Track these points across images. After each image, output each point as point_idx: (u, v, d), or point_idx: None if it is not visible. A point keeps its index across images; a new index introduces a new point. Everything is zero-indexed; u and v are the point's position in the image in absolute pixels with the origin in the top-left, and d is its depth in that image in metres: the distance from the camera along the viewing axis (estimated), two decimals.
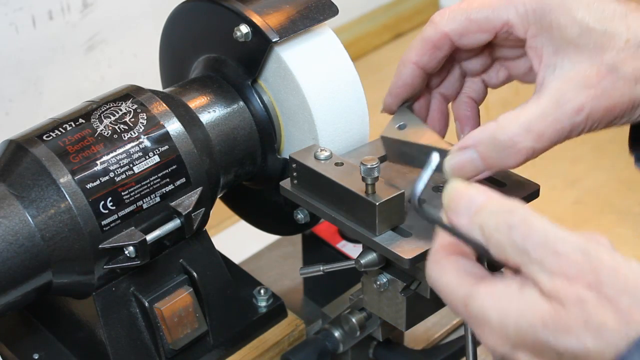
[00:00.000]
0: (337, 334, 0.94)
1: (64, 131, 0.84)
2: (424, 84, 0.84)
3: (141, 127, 0.86)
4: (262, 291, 0.97)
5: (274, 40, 0.88)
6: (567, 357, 0.59)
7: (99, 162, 0.83)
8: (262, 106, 0.92)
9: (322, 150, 0.84)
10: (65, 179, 0.81)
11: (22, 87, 1.24)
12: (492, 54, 0.84)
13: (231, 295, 0.93)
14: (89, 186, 0.82)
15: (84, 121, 0.85)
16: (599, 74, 0.73)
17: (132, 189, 0.84)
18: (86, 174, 0.82)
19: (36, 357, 0.92)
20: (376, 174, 0.78)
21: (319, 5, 0.91)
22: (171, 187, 0.86)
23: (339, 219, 0.81)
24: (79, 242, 0.81)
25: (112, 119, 0.85)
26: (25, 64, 1.22)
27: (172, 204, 0.86)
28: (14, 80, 1.22)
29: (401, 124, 0.85)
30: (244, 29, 0.89)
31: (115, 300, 0.86)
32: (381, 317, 0.87)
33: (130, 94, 0.88)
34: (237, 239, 1.20)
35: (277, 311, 0.97)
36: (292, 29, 0.89)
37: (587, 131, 0.76)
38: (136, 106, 0.87)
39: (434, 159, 0.66)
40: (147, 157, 0.85)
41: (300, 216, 0.93)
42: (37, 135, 0.83)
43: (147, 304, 0.87)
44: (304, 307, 1.11)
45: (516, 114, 0.74)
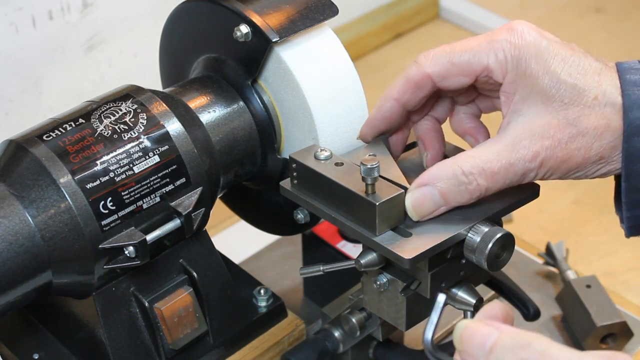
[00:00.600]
0: (337, 334, 0.94)
1: (64, 131, 0.84)
2: (403, 119, 0.85)
3: (141, 127, 0.86)
4: (262, 291, 0.97)
5: (274, 40, 0.88)
6: None
7: (99, 162, 0.83)
8: (262, 106, 0.92)
9: (322, 150, 0.84)
10: (65, 179, 0.81)
11: (22, 87, 1.24)
12: (477, 90, 0.85)
13: (231, 295, 0.93)
14: (89, 186, 0.82)
15: (84, 121, 0.85)
16: (559, 127, 0.76)
17: (132, 189, 0.84)
18: (86, 174, 0.82)
19: (36, 357, 0.92)
20: (376, 174, 0.78)
21: (319, 5, 0.91)
22: (171, 187, 0.86)
23: (339, 219, 0.81)
24: (79, 242, 0.81)
25: (112, 119, 0.85)
26: (25, 64, 1.23)
27: (172, 204, 0.86)
28: (14, 80, 1.22)
29: (370, 154, 0.85)
30: (244, 29, 0.89)
31: (115, 300, 0.86)
32: (381, 317, 0.87)
33: (130, 94, 0.88)
34: (237, 239, 1.20)
35: (277, 311, 0.97)
36: (292, 29, 0.89)
37: (541, 178, 0.79)
38: (136, 106, 0.87)
39: (440, 300, 0.69)
40: (147, 157, 0.85)
41: (300, 216, 0.93)
42: (37, 135, 0.83)
43: (147, 304, 0.87)
44: (304, 307, 1.11)
45: (473, 153, 0.78)
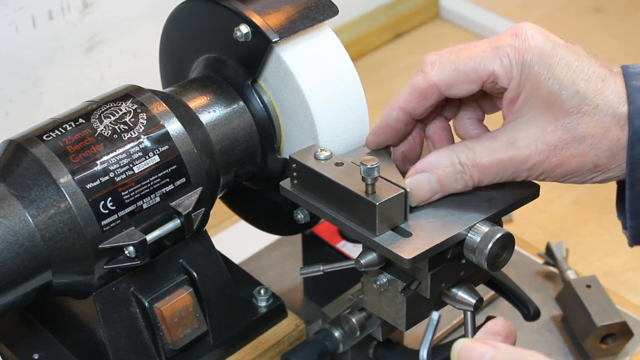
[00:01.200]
0: (337, 334, 0.94)
1: (64, 131, 0.84)
2: (409, 128, 0.86)
3: (141, 127, 0.86)
4: (262, 291, 0.97)
5: (274, 40, 0.88)
6: None
7: (99, 162, 0.83)
8: (262, 106, 0.92)
9: (322, 150, 0.84)
10: (65, 179, 0.81)
11: (22, 87, 1.23)
12: (482, 92, 0.85)
13: (231, 295, 0.93)
14: (89, 186, 0.82)
15: (84, 121, 0.85)
16: (555, 132, 0.77)
17: (132, 189, 0.84)
18: (86, 174, 0.82)
19: (36, 357, 0.92)
20: (376, 174, 0.78)
21: (319, 5, 0.91)
22: (171, 187, 0.86)
23: (339, 219, 0.81)
24: (79, 242, 0.81)
25: (112, 119, 0.85)
26: (25, 64, 1.22)
27: (172, 204, 0.86)
28: (14, 80, 1.22)
29: (369, 152, 0.86)
30: (244, 29, 0.89)
31: (115, 300, 0.86)
32: (381, 317, 0.87)
33: (130, 94, 0.88)
34: (237, 239, 1.20)
35: (277, 311, 0.97)
36: (292, 29, 0.89)
37: (535, 179, 0.80)
38: (136, 106, 0.87)
39: (434, 317, 0.71)
40: (147, 157, 0.85)
41: (300, 216, 0.93)
42: (37, 135, 0.83)
43: (147, 304, 0.87)
44: (304, 307, 1.11)
45: (470, 144, 0.80)
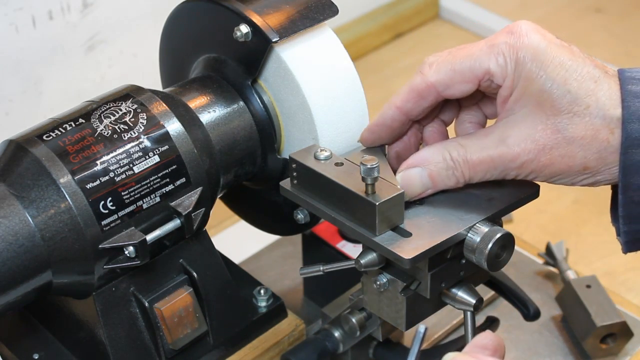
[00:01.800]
0: (337, 334, 0.94)
1: (64, 131, 0.84)
2: (404, 128, 0.86)
3: (141, 127, 0.86)
4: (262, 291, 0.97)
5: (274, 40, 0.88)
6: None
7: (99, 162, 0.83)
8: (262, 106, 0.92)
9: (322, 150, 0.84)
10: (65, 179, 0.81)
11: (22, 87, 1.24)
12: (481, 92, 0.85)
13: (231, 295, 0.93)
14: (89, 186, 0.82)
15: (84, 121, 0.85)
16: (545, 132, 0.77)
17: (132, 189, 0.84)
18: (86, 174, 0.82)
19: (36, 357, 0.92)
20: (376, 174, 0.78)
21: (319, 5, 0.91)
22: (171, 187, 0.86)
23: (339, 219, 0.81)
24: (79, 242, 0.81)
25: (112, 119, 0.85)
26: (25, 64, 1.22)
27: (172, 204, 0.86)
28: (14, 80, 1.22)
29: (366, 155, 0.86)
30: (244, 28, 0.89)
31: (115, 300, 0.86)
32: (381, 317, 0.87)
33: (130, 94, 0.88)
34: (237, 239, 1.20)
35: (277, 311, 0.97)
36: (292, 29, 0.89)
37: (524, 178, 0.80)
38: (136, 106, 0.87)
39: (421, 330, 0.72)
40: (147, 157, 0.85)
41: (300, 216, 0.93)
42: (37, 135, 0.83)
43: (147, 304, 0.87)
44: (304, 307, 1.11)
45: (462, 141, 0.80)
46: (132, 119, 0.86)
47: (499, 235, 0.79)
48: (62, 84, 1.27)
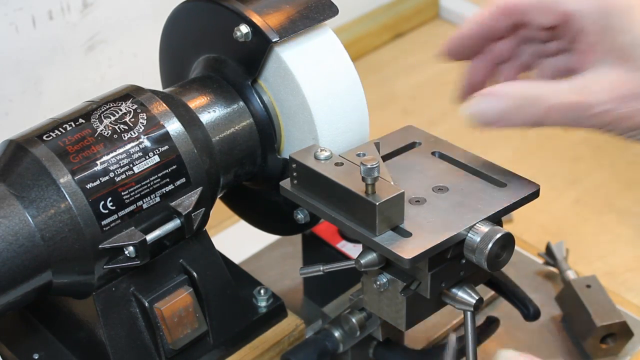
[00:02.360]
0: (337, 334, 0.94)
1: (64, 131, 0.84)
2: (480, 44, 0.86)
3: (141, 127, 0.86)
4: (262, 291, 0.97)
5: (274, 40, 0.88)
6: None
7: (99, 162, 0.83)
8: (262, 106, 0.92)
9: (322, 150, 0.84)
10: (65, 179, 0.81)
11: (22, 87, 1.24)
12: (564, 45, 0.85)
13: (231, 295, 0.93)
14: (89, 186, 0.82)
15: (84, 121, 0.85)
16: (627, 84, 0.76)
17: (132, 189, 0.84)
18: (86, 174, 0.82)
19: (36, 357, 0.92)
20: (376, 174, 0.78)
21: (319, 5, 0.91)
22: (171, 187, 0.86)
23: (339, 219, 0.81)
24: (79, 242, 0.81)
25: (112, 119, 0.85)
26: (25, 64, 1.23)
27: (172, 204, 0.86)
28: (14, 80, 1.22)
29: (360, 152, 0.86)
30: (244, 29, 0.89)
31: (115, 300, 0.86)
32: (381, 317, 0.87)
33: (130, 94, 0.88)
34: (237, 239, 1.20)
35: (277, 311, 0.97)
36: (292, 29, 0.89)
37: (599, 129, 0.78)
38: (136, 106, 0.87)
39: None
40: (147, 157, 0.85)
41: (300, 216, 0.93)
42: (37, 135, 0.83)
43: (147, 304, 0.87)
44: (304, 307, 1.11)
45: (542, 84, 0.79)
46: (132, 119, 0.86)
47: (499, 235, 0.79)
48: (62, 84, 1.27)
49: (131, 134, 0.85)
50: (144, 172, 0.84)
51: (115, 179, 0.83)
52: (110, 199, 0.82)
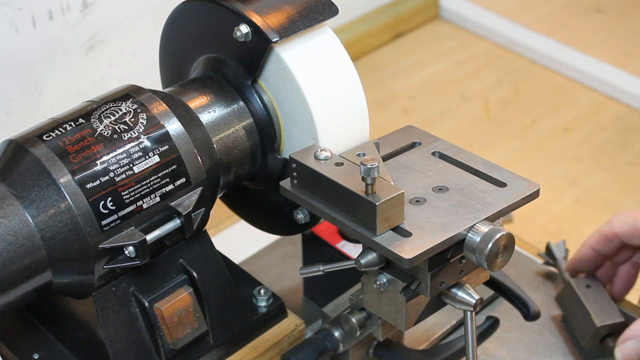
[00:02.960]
0: (337, 334, 0.94)
1: (64, 131, 0.84)
2: (599, 262, 1.05)
3: (141, 127, 0.86)
4: (262, 291, 0.97)
5: (274, 40, 0.88)
6: None
7: (99, 162, 0.83)
8: (262, 106, 0.92)
9: (322, 150, 0.84)
10: (65, 179, 0.81)
11: (22, 87, 1.24)
12: None
13: (231, 295, 0.93)
14: (89, 186, 0.82)
15: (84, 121, 0.85)
16: None
17: (132, 189, 0.84)
18: (86, 174, 0.82)
19: (36, 357, 0.92)
20: (376, 174, 0.78)
21: (319, 5, 0.91)
22: (171, 187, 0.86)
23: (339, 219, 0.81)
24: (79, 242, 0.81)
25: (112, 119, 0.85)
26: (25, 64, 1.23)
27: (172, 204, 0.86)
28: (14, 80, 1.22)
29: (360, 152, 0.87)
30: (244, 29, 0.89)
31: (115, 300, 0.86)
32: (381, 317, 0.87)
33: (130, 94, 0.88)
34: (237, 239, 1.20)
35: (277, 311, 0.97)
36: (292, 29, 0.89)
37: None
38: (136, 106, 0.87)
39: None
40: (147, 157, 0.85)
41: (300, 216, 0.93)
42: (37, 135, 0.83)
43: (147, 304, 0.87)
44: (304, 307, 1.11)
45: None
46: (132, 119, 0.86)
47: (499, 235, 0.79)
48: (62, 84, 1.27)
49: (131, 133, 0.85)
50: (144, 172, 0.84)
51: (115, 178, 0.83)
52: (110, 198, 0.82)
